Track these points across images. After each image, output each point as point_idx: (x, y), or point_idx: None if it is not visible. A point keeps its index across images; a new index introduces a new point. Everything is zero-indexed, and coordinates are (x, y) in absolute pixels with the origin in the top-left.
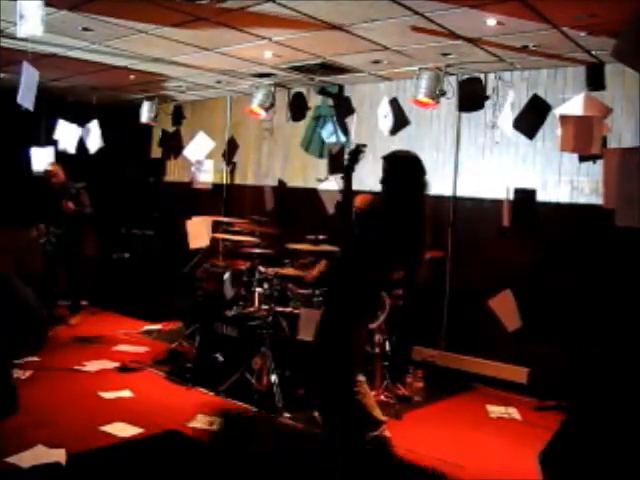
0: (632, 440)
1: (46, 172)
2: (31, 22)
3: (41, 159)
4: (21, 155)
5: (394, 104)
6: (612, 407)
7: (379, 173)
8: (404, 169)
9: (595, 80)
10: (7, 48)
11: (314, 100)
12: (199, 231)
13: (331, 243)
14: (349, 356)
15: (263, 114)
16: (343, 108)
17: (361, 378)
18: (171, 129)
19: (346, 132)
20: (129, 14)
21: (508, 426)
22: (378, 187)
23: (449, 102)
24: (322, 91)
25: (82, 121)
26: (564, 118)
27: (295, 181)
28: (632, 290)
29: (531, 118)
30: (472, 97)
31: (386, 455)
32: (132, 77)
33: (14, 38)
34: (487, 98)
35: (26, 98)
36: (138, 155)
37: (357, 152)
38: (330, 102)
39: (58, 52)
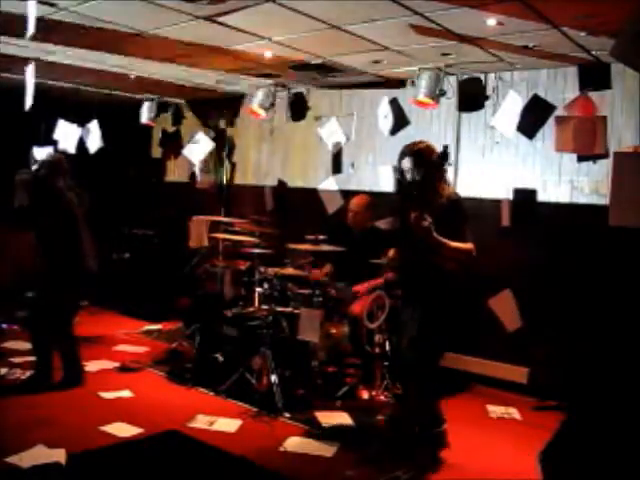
0: (632, 440)
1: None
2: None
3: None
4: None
5: (394, 104)
6: (612, 407)
7: (378, 174)
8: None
9: (590, 80)
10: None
11: (314, 100)
12: (200, 231)
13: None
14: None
15: (263, 114)
16: None
17: None
18: (171, 129)
19: None
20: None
21: (508, 426)
22: (377, 187)
23: (449, 102)
24: None
25: (82, 121)
26: (560, 118)
27: (295, 181)
28: (632, 290)
29: (531, 118)
30: (472, 97)
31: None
32: (132, 77)
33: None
34: (487, 98)
35: (29, 99)
36: (138, 155)
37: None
38: None
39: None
